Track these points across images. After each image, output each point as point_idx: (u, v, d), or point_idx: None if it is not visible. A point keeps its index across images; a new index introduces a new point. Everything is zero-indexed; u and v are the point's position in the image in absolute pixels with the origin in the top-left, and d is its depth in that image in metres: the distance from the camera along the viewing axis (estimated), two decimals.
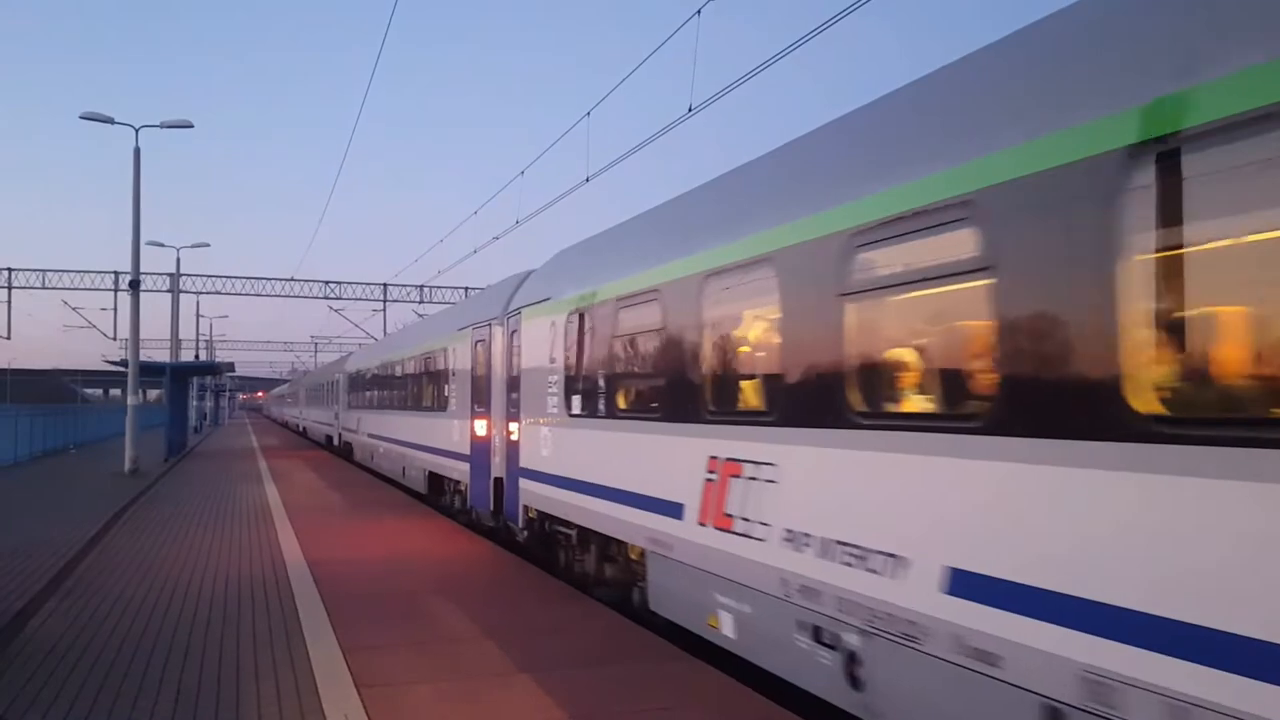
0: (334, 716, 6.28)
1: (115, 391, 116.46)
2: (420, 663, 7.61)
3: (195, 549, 13.47)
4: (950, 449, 4.90)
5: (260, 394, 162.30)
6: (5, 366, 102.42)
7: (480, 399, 14.99)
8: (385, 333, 46.89)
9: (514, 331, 13.20)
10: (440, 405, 18.40)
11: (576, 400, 10.41)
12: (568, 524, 11.02)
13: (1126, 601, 3.87)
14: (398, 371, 23.92)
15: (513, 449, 13.10)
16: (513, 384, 13.21)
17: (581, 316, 10.27)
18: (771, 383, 6.76)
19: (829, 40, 12.41)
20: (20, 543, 12.89)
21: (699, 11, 11.81)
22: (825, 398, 5.95)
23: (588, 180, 17.01)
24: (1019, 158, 4.51)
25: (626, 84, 15.94)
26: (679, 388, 7.94)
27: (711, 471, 7.38)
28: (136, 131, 26.66)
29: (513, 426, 13.14)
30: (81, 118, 26.28)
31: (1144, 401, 3.88)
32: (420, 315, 44.46)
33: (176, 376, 35.46)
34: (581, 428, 10.31)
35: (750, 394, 7.24)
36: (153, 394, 63.37)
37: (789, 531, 6.30)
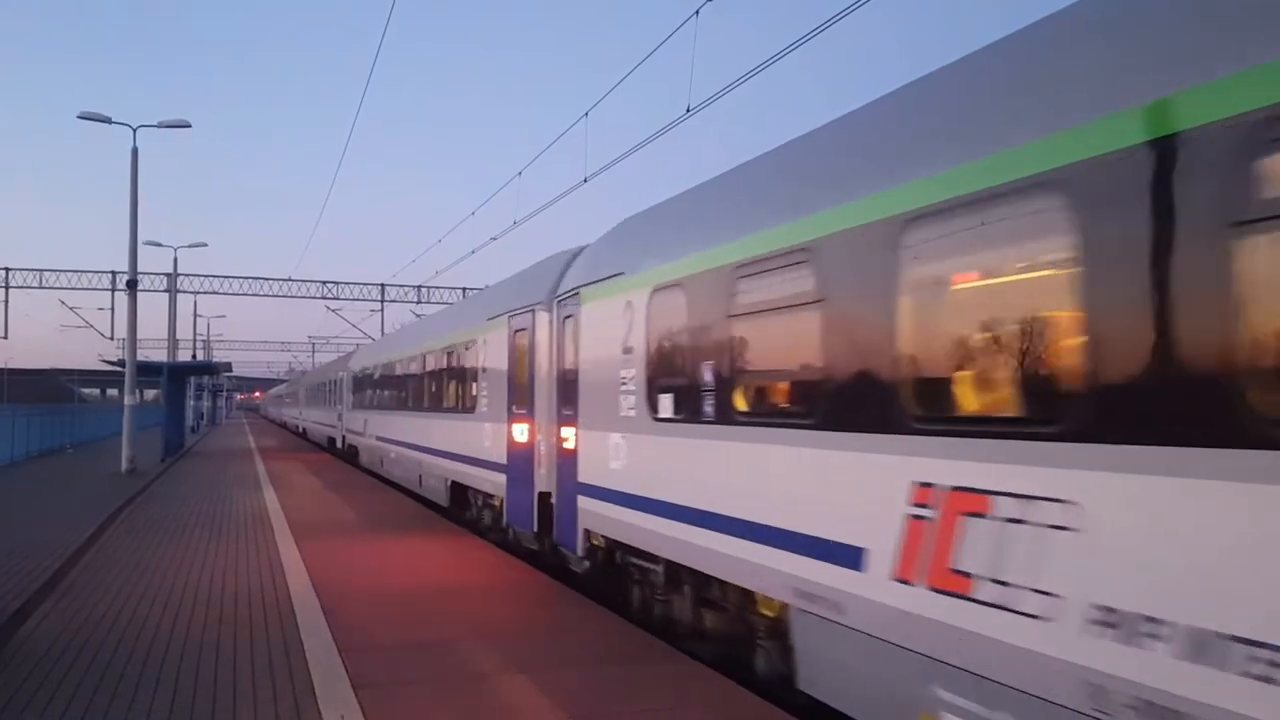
0: None
1: (113, 391, 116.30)
2: None
3: (190, 568, 13.44)
4: None
5: (258, 394, 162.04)
6: (2, 366, 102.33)
7: (520, 399, 12.79)
8: (383, 333, 46.79)
9: (568, 318, 11.01)
10: (468, 406, 15.98)
11: (668, 401, 8.26)
12: (651, 558, 8.81)
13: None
14: (414, 368, 21.24)
15: (567, 460, 10.88)
16: (566, 381, 11.01)
17: (675, 293, 8.10)
18: (1057, 371, 4.48)
19: (828, 39, 12.42)
20: (16, 544, 12.87)
21: (697, 12, 11.82)
22: (1183, 400, 3.75)
23: (586, 181, 16.99)
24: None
25: (625, 84, 15.94)
26: (856, 382, 5.71)
27: (921, 505, 5.10)
28: (134, 131, 26.66)
29: (567, 432, 10.91)
30: (79, 117, 26.27)
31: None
32: (418, 315, 44.34)
33: (174, 376, 35.43)
34: (677, 435, 8.05)
35: (1006, 390, 4.80)
36: (150, 394, 63.27)
37: (1102, 609, 4.01)
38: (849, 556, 5.67)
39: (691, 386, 7.76)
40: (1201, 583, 3.64)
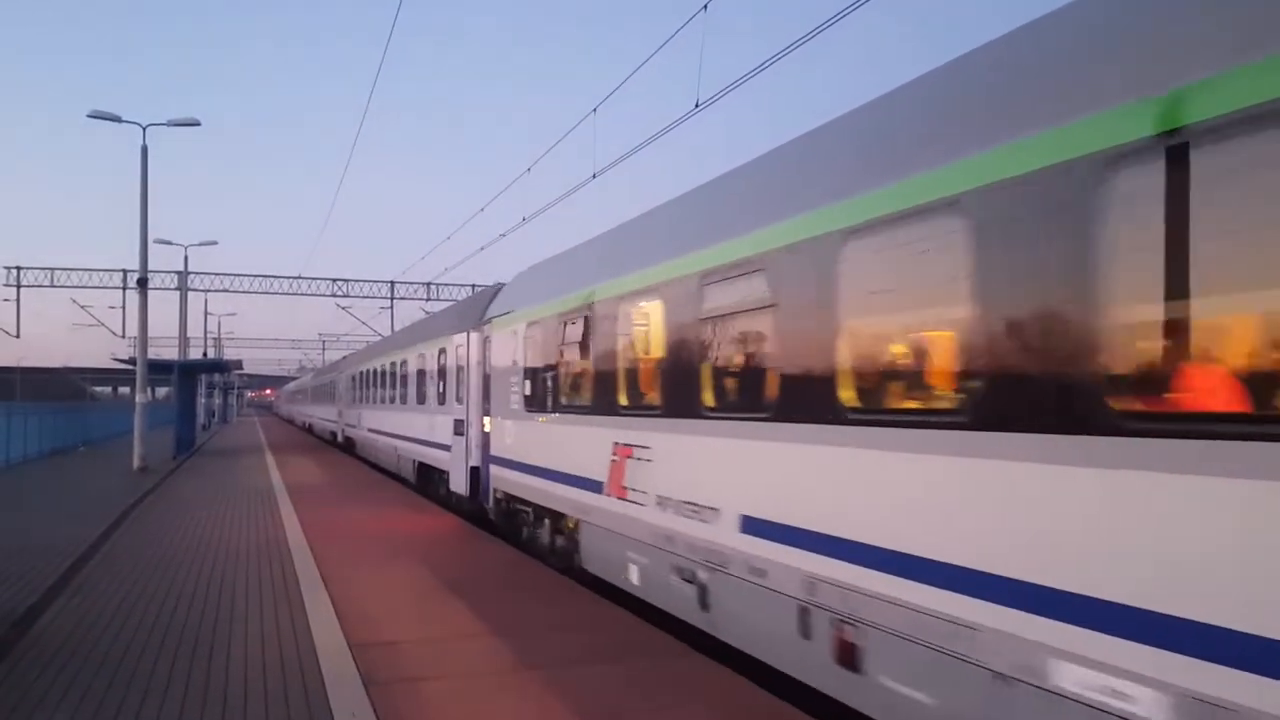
0: None
1: (124, 389, 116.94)
2: None
3: (202, 563, 13.49)
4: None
5: (269, 391, 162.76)
6: (15, 365, 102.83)
7: (459, 397, 16.77)
8: (393, 329, 46.97)
9: (486, 338, 15.05)
10: (426, 401, 20.22)
11: (534, 397, 12.26)
12: (526, 503, 12.79)
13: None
14: (392, 371, 25.48)
15: (486, 440, 14.98)
16: (486, 383, 15.11)
17: (536, 326, 12.15)
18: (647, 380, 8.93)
19: (839, 33, 12.35)
20: (29, 542, 12.94)
21: (705, 6, 11.76)
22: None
23: (594, 177, 17.00)
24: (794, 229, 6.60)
25: (633, 80, 15.91)
26: (596, 383, 9.98)
27: (614, 455, 9.40)
28: (144, 130, 26.76)
29: (486, 420, 14.99)
30: (89, 116, 26.33)
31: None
32: (426, 313, 44.53)
33: (184, 374, 35.53)
34: (537, 421, 12.21)
35: (640, 390, 9.10)
36: (161, 392, 63.56)
37: (659, 497, 8.37)
38: (594, 486, 9.92)
39: (544, 388, 11.76)
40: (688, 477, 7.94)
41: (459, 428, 16.66)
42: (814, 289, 6.10)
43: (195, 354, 55.71)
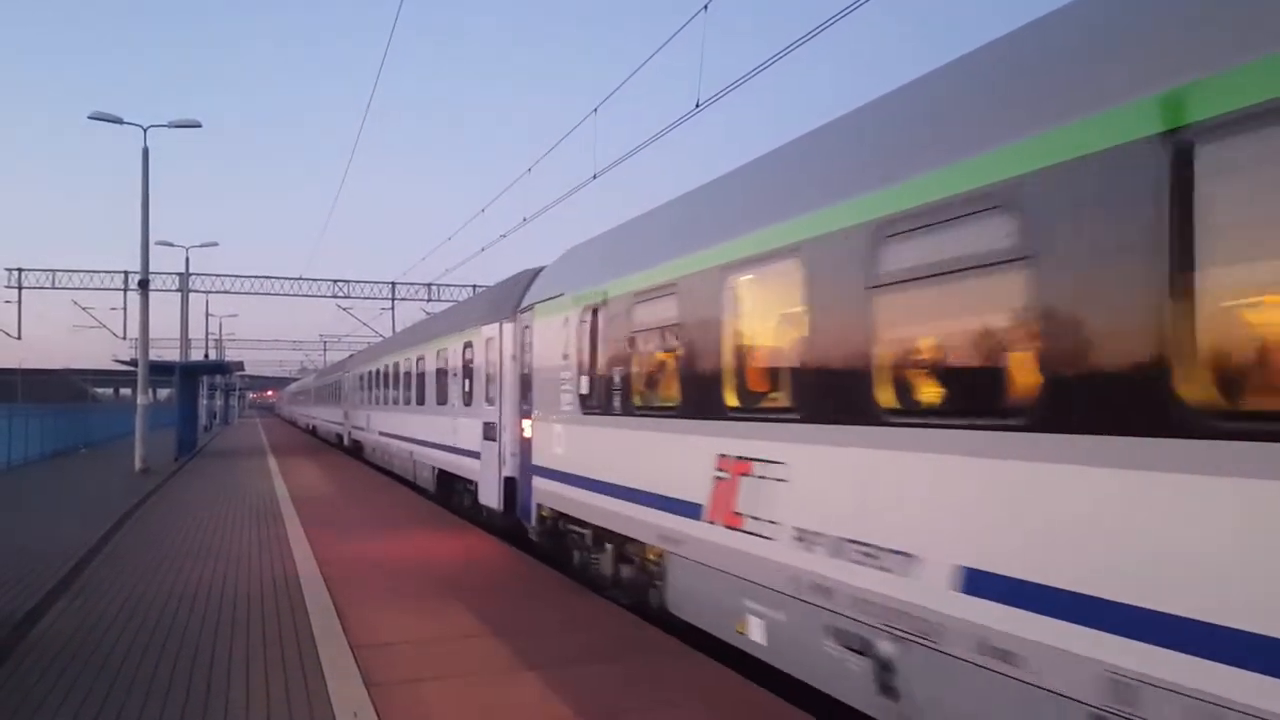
0: None
1: (125, 391, 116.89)
2: None
3: (203, 567, 13.46)
4: None
5: (270, 393, 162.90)
6: (16, 367, 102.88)
7: (490, 396, 14.83)
8: (394, 331, 46.92)
9: (526, 328, 13.03)
10: (449, 402, 18.18)
11: (594, 396, 10.18)
12: (582, 524, 10.70)
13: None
14: (406, 369, 23.62)
15: (525, 447, 12.97)
16: (525, 381, 13.11)
17: (598, 310, 9.99)
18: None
19: (840, 32, 12.31)
20: (29, 543, 12.92)
21: (705, 6, 11.74)
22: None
23: (595, 177, 16.98)
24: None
25: (633, 80, 15.87)
26: (678, 381, 8.17)
27: (721, 470, 7.38)
28: (145, 131, 26.75)
29: (525, 424, 12.95)
30: (90, 118, 26.32)
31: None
32: (428, 314, 44.47)
33: (186, 375, 35.53)
34: (598, 425, 10.06)
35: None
36: (163, 393, 63.55)
37: (798, 530, 6.40)
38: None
39: (610, 384, 9.60)
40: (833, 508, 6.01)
41: (490, 432, 14.67)
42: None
43: (196, 355, 55.74)
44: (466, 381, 16.64)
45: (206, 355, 62.87)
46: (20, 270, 48.14)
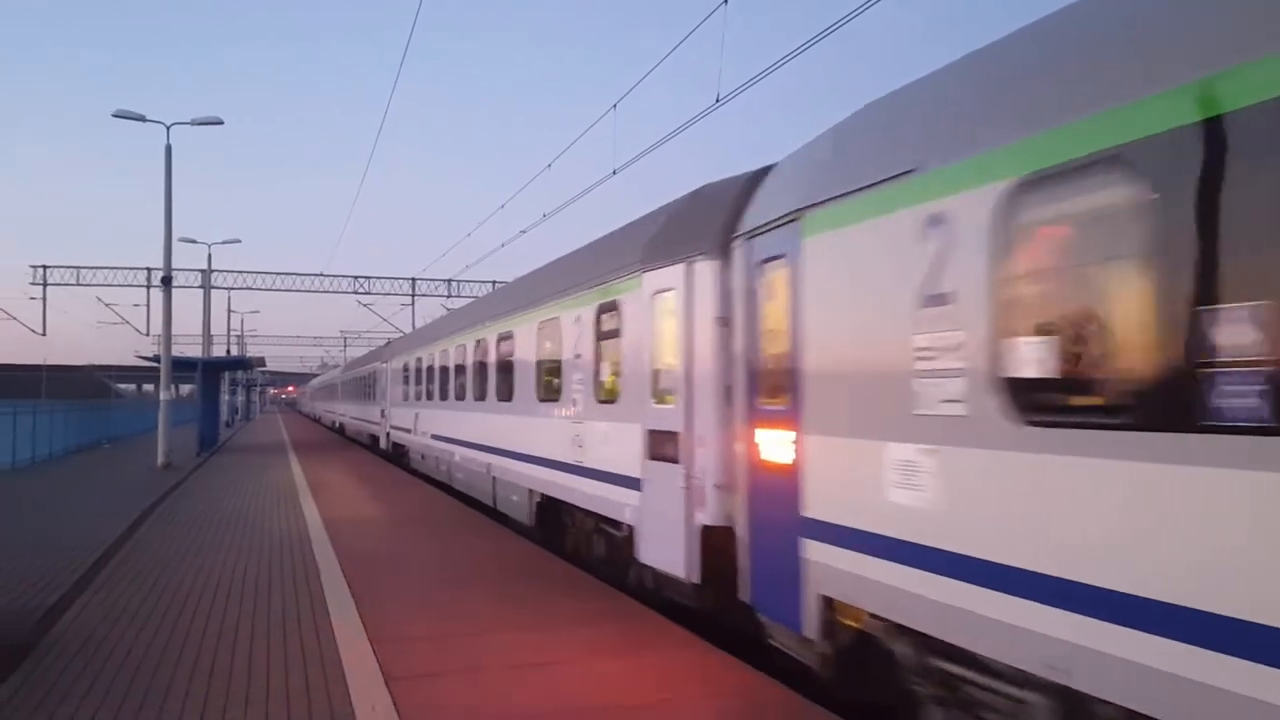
0: None
1: (148, 386, 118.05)
2: None
3: (224, 562, 13.53)
4: None
5: (291, 389, 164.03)
6: (41, 363, 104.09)
7: (665, 388, 9.16)
8: (414, 327, 46.98)
9: (770, 260, 7.31)
10: (570, 398, 12.14)
11: (1044, 389, 4.56)
12: (969, 658, 5.13)
13: None
14: (487, 353, 16.95)
15: (770, 479, 7.18)
16: (768, 361, 7.34)
17: (1051, 189, 4.47)
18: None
19: (860, 26, 12.25)
20: (51, 539, 13.03)
21: (725, 1, 11.69)
22: None
23: (615, 173, 16.95)
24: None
25: (653, 76, 15.86)
26: None
27: None
28: (168, 129, 26.92)
29: (771, 437, 7.18)
30: (114, 115, 26.55)
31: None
32: (448, 309, 44.42)
33: (208, 372, 35.81)
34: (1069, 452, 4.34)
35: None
36: (185, 389, 64.10)
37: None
38: None
39: (1100, 366, 4.31)
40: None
41: (660, 447, 9.08)
42: None
43: (218, 351, 56.21)
44: (602, 366, 11.09)
45: (228, 351, 63.39)
46: (45, 267, 48.75)
